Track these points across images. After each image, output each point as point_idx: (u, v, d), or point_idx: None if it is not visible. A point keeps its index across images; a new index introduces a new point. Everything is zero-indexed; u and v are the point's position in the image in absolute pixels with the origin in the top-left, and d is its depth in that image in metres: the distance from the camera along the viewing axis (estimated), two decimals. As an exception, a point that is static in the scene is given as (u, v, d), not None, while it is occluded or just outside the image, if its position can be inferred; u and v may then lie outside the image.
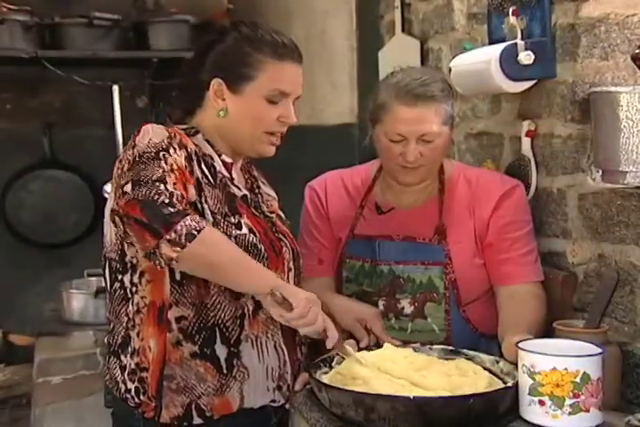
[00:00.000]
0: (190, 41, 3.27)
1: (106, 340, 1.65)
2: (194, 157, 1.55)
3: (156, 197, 1.38)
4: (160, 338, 1.55)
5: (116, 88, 3.25)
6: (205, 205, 1.53)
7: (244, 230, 1.57)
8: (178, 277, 1.53)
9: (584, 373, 1.37)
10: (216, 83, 1.61)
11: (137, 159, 1.46)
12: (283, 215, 1.77)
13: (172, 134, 1.53)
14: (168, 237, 1.37)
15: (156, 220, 1.37)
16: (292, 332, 1.64)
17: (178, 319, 1.54)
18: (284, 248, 1.66)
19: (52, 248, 3.46)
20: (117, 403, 1.62)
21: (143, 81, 3.44)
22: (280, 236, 1.68)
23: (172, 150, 1.49)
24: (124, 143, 3.23)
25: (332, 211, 1.96)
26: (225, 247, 1.45)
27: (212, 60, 1.63)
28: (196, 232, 1.38)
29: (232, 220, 1.56)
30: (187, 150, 1.53)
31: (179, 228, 1.37)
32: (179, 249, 1.38)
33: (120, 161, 1.51)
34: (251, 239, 1.57)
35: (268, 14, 3.44)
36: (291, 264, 1.68)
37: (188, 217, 1.39)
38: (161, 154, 1.47)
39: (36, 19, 3.16)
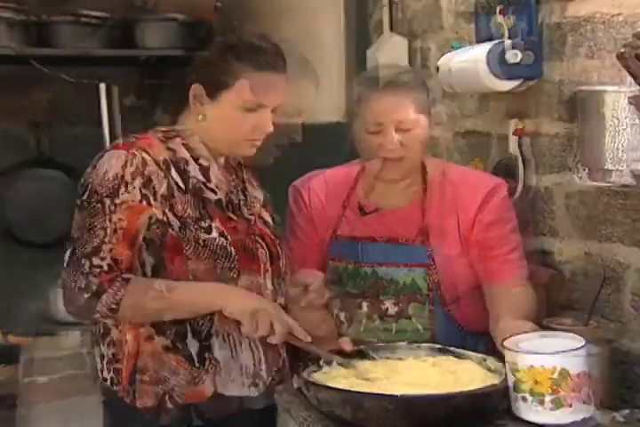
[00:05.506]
0: (179, 39, 3.26)
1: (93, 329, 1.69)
2: (162, 167, 1.58)
3: (74, 284, 1.52)
4: (134, 331, 1.59)
5: (102, 86, 3.24)
6: (170, 214, 1.57)
7: (214, 234, 1.60)
8: (148, 271, 1.57)
9: (562, 369, 1.38)
10: (196, 87, 1.61)
11: (86, 204, 1.55)
12: (267, 217, 1.76)
13: (130, 160, 1.55)
14: (96, 316, 1.55)
15: (79, 312, 1.55)
16: None
17: None
18: (260, 250, 1.66)
19: (39, 248, 3.44)
20: (108, 390, 1.64)
21: (132, 79, 3.42)
22: (257, 238, 1.68)
23: (122, 189, 1.54)
24: (112, 142, 3.23)
25: (315, 212, 1.95)
26: (147, 300, 1.53)
27: (196, 63, 1.64)
28: (115, 306, 1.52)
29: (202, 224, 1.60)
30: (143, 176, 1.55)
31: (98, 309, 1.52)
32: (110, 317, 1.55)
33: (83, 183, 1.58)
34: (220, 242, 1.59)
35: (256, 13, 3.43)
36: (267, 266, 1.67)
37: (104, 296, 1.51)
38: (107, 203, 1.53)
39: (22, 16, 3.14)
